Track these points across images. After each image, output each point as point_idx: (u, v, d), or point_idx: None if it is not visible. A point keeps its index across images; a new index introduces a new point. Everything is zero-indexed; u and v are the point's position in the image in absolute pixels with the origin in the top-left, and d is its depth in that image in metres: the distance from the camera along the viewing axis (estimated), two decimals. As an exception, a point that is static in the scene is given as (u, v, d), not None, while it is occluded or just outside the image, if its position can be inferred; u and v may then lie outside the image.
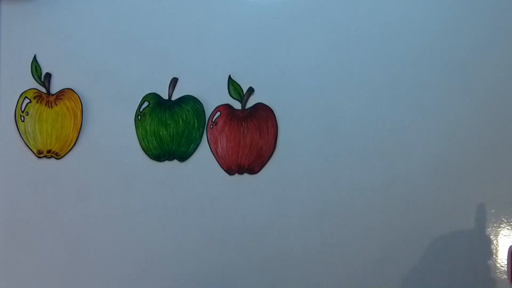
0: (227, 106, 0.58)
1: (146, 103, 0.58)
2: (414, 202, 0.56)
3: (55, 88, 0.60)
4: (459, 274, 0.55)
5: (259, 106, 0.58)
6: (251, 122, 0.58)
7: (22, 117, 0.59)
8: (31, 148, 0.59)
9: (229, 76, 0.58)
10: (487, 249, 0.55)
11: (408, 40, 0.57)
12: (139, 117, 0.58)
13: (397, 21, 0.57)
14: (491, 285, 0.55)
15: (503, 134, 0.56)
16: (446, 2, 0.57)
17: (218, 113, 0.58)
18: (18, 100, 0.59)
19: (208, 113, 0.58)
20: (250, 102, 0.58)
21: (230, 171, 0.58)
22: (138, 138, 0.58)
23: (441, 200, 0.56)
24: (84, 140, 0.59)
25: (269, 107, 0.58)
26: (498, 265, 0.55)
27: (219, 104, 0.58)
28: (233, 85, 0.58)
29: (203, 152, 0.58)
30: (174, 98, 0.59)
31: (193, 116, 0.58)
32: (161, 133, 0.58)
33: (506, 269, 0.55)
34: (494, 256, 0.55)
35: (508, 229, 0.56)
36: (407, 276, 0.56)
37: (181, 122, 0.58)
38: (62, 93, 0.59)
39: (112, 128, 0.58)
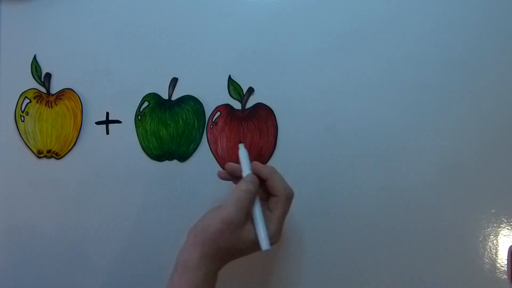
0: (227, 106, 0.58)
1: (146, 103, 0.59)
2: (414, 202, 0.56)
3: (55, 88, 0.60)
4: (459, 274, 0.55)
5: (259, 106, 0.58)
6: (251, 122, 0.58)
7: (22, 117, 0.59)
8: (31, 148, 0.59)
9: (229, 76, 0.58)
10: (487, 249, 0.55)
11: (408, 40, 0.57)
12: (139, 117, 0.59)
13: (397, 21, 0.57)
14: (491, 285, 0.55)
15: (503, 134, 0.56)
16: (447, 1, 0.57)
17: (218, 113, 0.58)
18: (18, 100, 0.59)
19: (208, 113, 0.58)
20: (250, 102, 0.58)
21: (230, 171, 0.58)
22: (138, 138, 0.58)
23: (441, 200, 0.56)
24: (84, 140, 0.59)
25: (269, 107, 0.58)
26: (498, 265, 0.55)
27: (219, 104, 0.58)
28: (233, 85, 0.58)
29: (203, 152, 0.58)
30: (174, 98, 0.59)
31: (193, 116, 0.58)
32: (161, 133, 0.58)
33: (506, 269, 0.55)
34: (494, 256, 0.55)
35: (508, 229, 0.56)
36: (406, 276, 0.56)
37: (181, 122, 0.58)
38: (62, 93, 0.59)
39: (112, 128, 0.59)
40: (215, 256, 0.46)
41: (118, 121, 0.59)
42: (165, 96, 0.59)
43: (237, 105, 0.58)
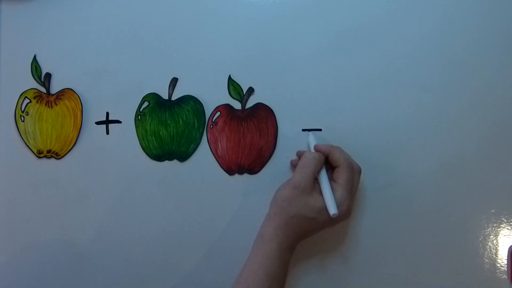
0: (227, 106, 0.58)
1: (146, 103, 0.59)
2: (414, 202, 0.56)
3: (55, 88, 0.60)
4: (458, 274, 0.55)
5: (259, 106, 0.58)
6: (251, 122, 0.58)
7: (22, 117, 0.59)
8: (31, 148, 0.59)
9: (229, 76, 0.58)
10: (487, 249, 0.55)
11: (408, 40, 0.57)
12: (139, 117, 0.59)
13: (397, 21, 0.57)
14: (491, 285, 0.55)
15: (503, 134, 0.56)
16: (447, 1, 0.57)
17: (218, 113, 0.58)
18: (18, 100, 0.59)
19: (208, 113, 0.58)
20: (250, 102, 0.58)
21: (230, 171, 0.58)
22: (138, 138, 0.58)
23: (441, 200, 0.56)
24: (84, 140, 0.59)
25: (269, 107, 0.58)
26: (498, 265, 0.55)
27: (219, 104, 0.58)
28: (233, 85, 0.58)
29: (203, 152, 0.58)
30: (174, 98, 0.59)
31: (193, 116, 0.58)
32: (161, 133, 0.58)
33: (506, 269, 0.55)
34: (494, 256, 0.55)
35: (508, 229, 0.56)
36: (406, 276, 0.56)
37: (181, 122, 0.58)
38: (62, 93, 0.59)
39: (112, 128, 0.59)
40: (287, 226, 0.49)
41: (118, 121, 0.59)
42: (165, 96, 0.59)
43: (237, 105, 0.58)
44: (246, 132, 0.58)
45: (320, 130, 0.57)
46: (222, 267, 0.57)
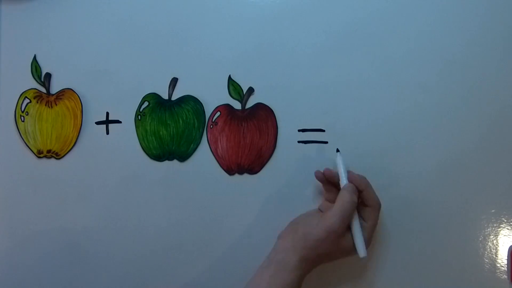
0: (227, 106, 0.58)
1: (146, 103, 0.59)
2: (414, 202, 0.56)
3: (55, 88, 0.60)
4: (458, 274, 0.55)
5: (259, 106, 0.58)
6: (251, 122, 0.58)
7: (22, 117, 0.59)
8: (31, 148, 0.59)
9: (229, 76, 0.58)
10: (487, 249, 0.55)
11: (408, 40, 0.57)
12: (139, 117, 0.59)
13: (397, 20, 0.57)
14: (491, 285, 0.55)
15: (503, 133, 0.56)
16: (447, 1, 0.57)
17: (218, 113, 0.58)
18: (18, 100, 0.59)
19: (208, 113, 0.58)
20: (250, 102, 0.58)
21: (230, 171, 0.58)
22: (138, 138, 0.58)
23: (440, 200, 0.56)
24: (84, 140, 0.59)
25: (269, 107, 0.58)
26: (498, 265, 0.55)
27: (219, 104, 0.58)
28: (233, 85, 0.58)
29: (203, 152, 0.58)
30: (174, 98, 0.59)
31: (193, 116, 0.58)
32: (161, 133, 0.58)
33: (506, 269, 0.55)
34: (494, 256, 0.55)
35: (508, 229, 0.56)
36: (406, 276, 0.56)
37: (181, 122, 0.58)
38: (62, 93, 0.59)
39: (112, 128, 0.59)
40: (312, 260, 0.49)
41: (118, 121, 0.59)
42: (165, 96, 0.59)
43: (237, 105, 0.58)
44: (246, 132, 0.58)
45: (324, 131, 0.57)
46: (221, 267, 0.57)
